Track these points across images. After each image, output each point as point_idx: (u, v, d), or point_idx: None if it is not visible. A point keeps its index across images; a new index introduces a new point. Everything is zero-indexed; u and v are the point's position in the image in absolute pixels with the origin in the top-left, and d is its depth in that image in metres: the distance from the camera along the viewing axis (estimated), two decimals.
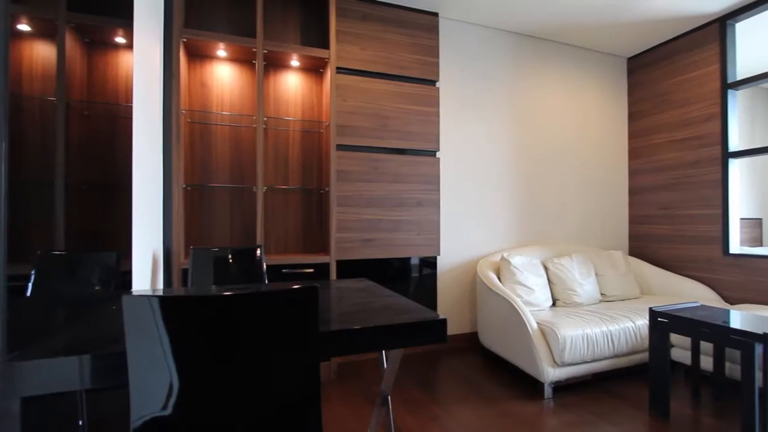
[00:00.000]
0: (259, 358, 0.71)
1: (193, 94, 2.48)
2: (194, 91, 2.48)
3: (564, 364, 2.18)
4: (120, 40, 2.27)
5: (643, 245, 3.63)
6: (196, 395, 0.70)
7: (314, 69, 2.71)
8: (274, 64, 2.61)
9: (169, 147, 2.10)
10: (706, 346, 2.25)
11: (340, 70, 2.62)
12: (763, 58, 3.66)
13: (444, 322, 0.93)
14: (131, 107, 1.96)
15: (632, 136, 3.75)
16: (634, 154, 3.74)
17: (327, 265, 2.43)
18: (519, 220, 3.32)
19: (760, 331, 1.61)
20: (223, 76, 2.55)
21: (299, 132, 2.70)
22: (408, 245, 2.80)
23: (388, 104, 2.75)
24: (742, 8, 2.88)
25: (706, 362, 2.25)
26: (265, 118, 2.60)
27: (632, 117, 3.75)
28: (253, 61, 2.55)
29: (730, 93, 2.98)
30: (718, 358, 2.11)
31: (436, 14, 2.91)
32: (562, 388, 2.30)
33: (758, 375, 1.61)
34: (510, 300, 2.41)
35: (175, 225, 2.13)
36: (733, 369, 2.14)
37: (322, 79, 2.71)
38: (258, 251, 1.94)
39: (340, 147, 2.63)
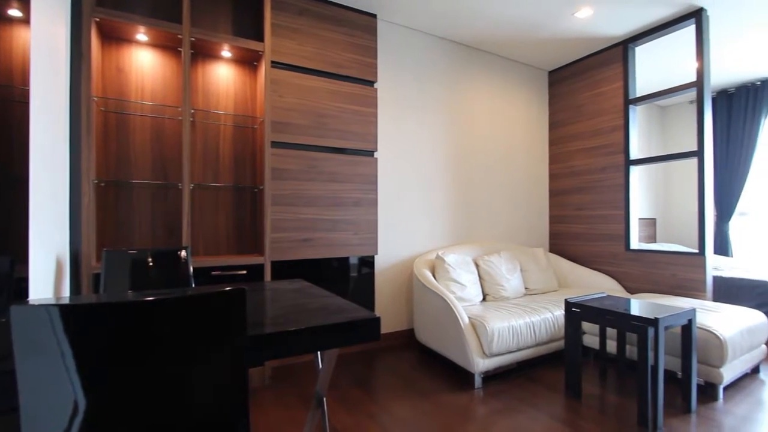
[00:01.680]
0: (178, 369, 0.66)
1: (107, 80, 2.24)
2: (109, 76, 2.25)
3: (492, 355, 2.32)
4: (14, 13, 1.98)
5: (561, 242, 3.99)
6: (106, 414, 0.63)
7: (248, 62, 2.59)
8: (204, 53, 2.45)
9: (77, 137, 1.88)
10: (611, 332, 2.54)
11: (275, 64, 2.54)
12: (657, 79, 4.21)
13: (377, 320, 0.94)
14: (28, 90, 1.72)
15: (552, 143, 4.11)
16: (553, 159, 4.09)
17: (261, 267, 2.34)
18: (453, 220, 3.47)
19: (652, 317, 1.85)
20: (144, 62, 2.33)
21: (231, 127, 2.56)
22: (346, 245, 2.80)
23: (326, 102, 2.72)
24: (641, 34, 3.28)
25: (612, 346, 2.53)
26: (193, 111, 2.43)
27: (552, 126, 4.11)
28: (179, 49, 2.37)
29: (631, 108, 3.38)
30: (621, 342, 2.38)
31: (374, 16, 2.93)
32: (490, 377, 2.44)
33: (650, 354, 1.85)
34: (444, 296, 2.51)
35: (85, 224, 1.91)
36: (632, 351, 2.43)
37: (256, 73, 2.60)
38: (183, 253, 1.81)
39: (276, 144, 2.54)
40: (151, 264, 1.75)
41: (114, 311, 0.62)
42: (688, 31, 3.13)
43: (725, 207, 4.66)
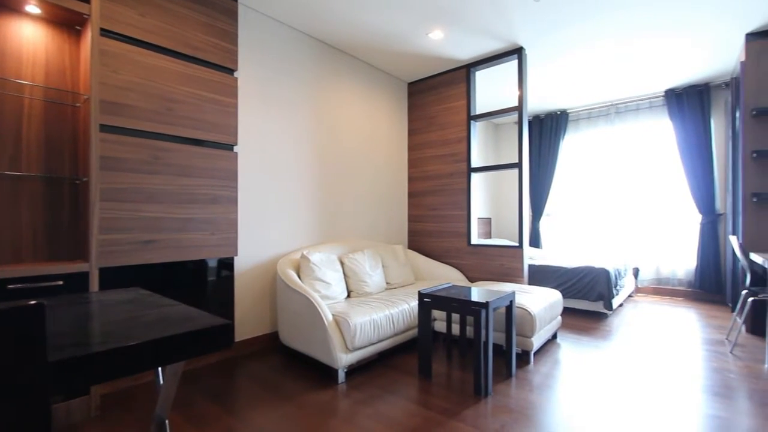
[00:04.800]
0: None
1: None
2: None
3: (355, 349, 2.41)
4: None
5: (418, 240, 4.40)
6: None
7: (67, 24, 2.10)
8: None
9: None
10: (456, 316, 2.91)
11: (107, 33, 2.13)
12: (494, 101, 5.00)
13: (228, 326, 0.88)
14: None
15: (410, 148, 4.49)
16: (411, 164, 4.48)
17: (86, 275, 1.93)
18: (319, 219, 3.48)
19: (484, 301, 2.19)
20: None
21: (41, 102, 2.04)
22: (201, 246, 2.53)
23: (177, 87, 2.41)
24: (480, 61, 3.85)
25: (457, 329, 2.90)
26: None
27: (411, 133, 4.49)
28: None
29: (472, 123, 3.94)
30: (463, 324, 2.75)
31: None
32: (354, 370, 2.53)
33: (483, 332, 2.18)
34: (308, 296, 2.49)
35: None
36: (471, 331, 2.83)
37: (79, 40, 2.13)
38: None
39: (108, 128, 2.14)
40: None
41: None
42: (513, 64, 3.81)
43: (537, 208, 5.84)
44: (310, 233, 3.40)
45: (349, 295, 3.07)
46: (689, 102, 4.58)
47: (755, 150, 3.25)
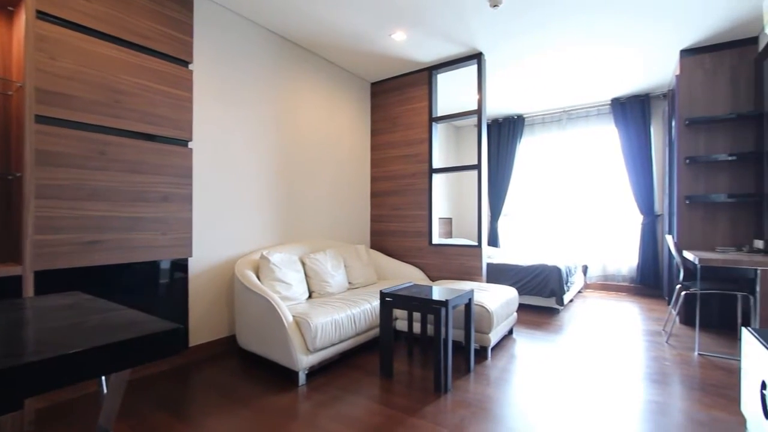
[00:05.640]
0: None
1: None
2: None
3: (316, 350, 2.38)
4: None
5: (381, 239, 4.41)
6: None
7: None
8: None
9: None
10: (417, 315, 2.95)
11: (44, 16, 1.96)
12: (455, 103, 5.12)
13: (177, 331, 0.83)
14: None
15: (373, 148, 4.50)
16: (374, 163, 4.49)
17: (18, 279, 1.77)
18: (279, 219, 3.40)
19: (444, 299, 2.24)
20: None
21: None
22: (152, 247, 2.39)
23: (125, 77, 2.26)
24: (442, 64, 3.93)
25: (418, 327, 2.94)
26: None
27: (374, 133, 4.50)
28: None
29: (434, 124, 4.01)
30: (423, 322, 2.79)
31: None
32: (315, 372, 2.50)
33: (443, 330, 2.23)
34: (267, 297, 2.43)
35: None
36: (432, 329, 2.88)
37: (12, 22, 1.95)
38: None
39: (45, 120, 1.97)
40: None
41: None
42: (473, 69, 3.92)
43: (495, 209, 6.04)
44: (271, 233, 3.32)
45: (310, 296, 3.03)
46: (632, 111, 4.93)
47: (688, 156, 3.55)
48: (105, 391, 1.16)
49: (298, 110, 3.60)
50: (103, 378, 1.18)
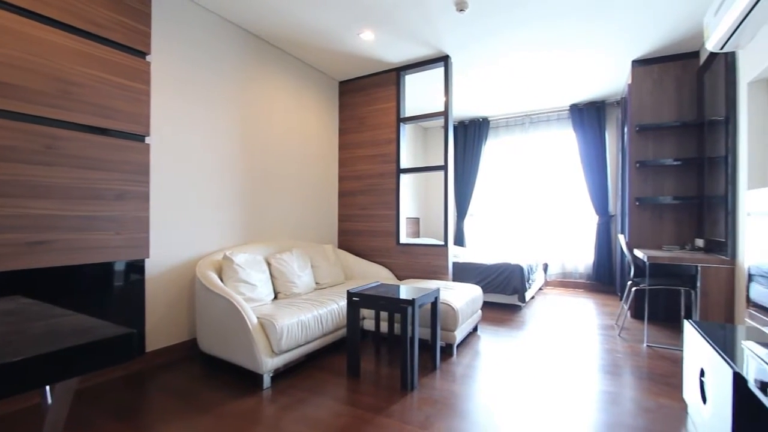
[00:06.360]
0: None
1: None
2: None
3: (281, 352, 2.34)
4: None
5: (348, 239, 4.40)
6: None
7: None
8: None
9: None
10: (384, 314, 2.96)
11: None
12: (423, 105, 5.18)
13: (130, 336, 0.79)
14: None
15: (341, 148, 4.47)
16: (342, 163, 4.47)
17: None
18: (244, 218, 3.31)
19: (410, 298, 2.26)
20: None
21: None
22: (104, 247, 2.26)
23: (75, 67, 2.12)
24: (410, 65, 3.97)
25: (385, 327, 2.95)
26: None
27: (341, 132, 4.47)
28: None
29: (402, 125, 4.04)
30: (390, 321, 2.81)
31: None
32: (280, 374, 2.45)
33: (409, 329, 2.25)
34: (230, 298, 2.36)
35: None
36: (399, 328, 2.91)
37: None
38: None
39: None
40: None
41: None
42: (440, 71, 3.98)
43: (461, 209, 6.18)
44: (235, 233, 3.22)
45: (276, 297, 2.97)
46: (589, 116, 5.19)
47: (638, 160, 3.78)
48: (49, 401, 1.08)
49: (264, 107, 3.52)
50: (47, 388, 1.10)
